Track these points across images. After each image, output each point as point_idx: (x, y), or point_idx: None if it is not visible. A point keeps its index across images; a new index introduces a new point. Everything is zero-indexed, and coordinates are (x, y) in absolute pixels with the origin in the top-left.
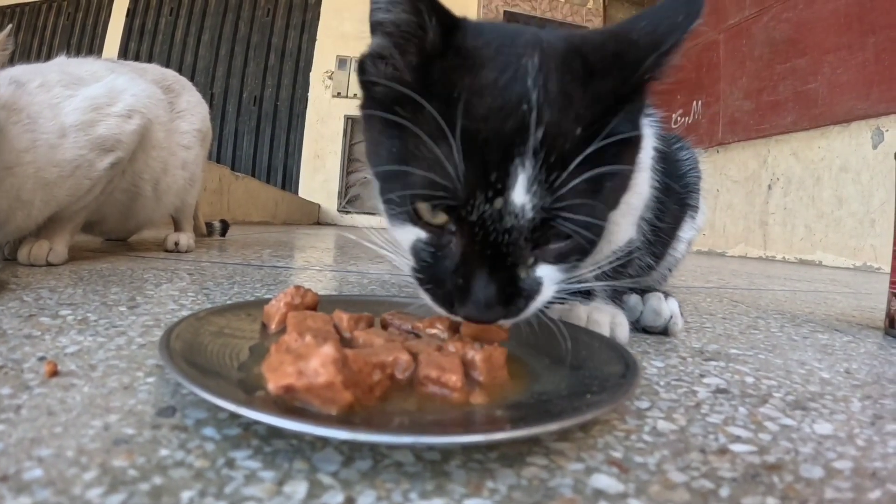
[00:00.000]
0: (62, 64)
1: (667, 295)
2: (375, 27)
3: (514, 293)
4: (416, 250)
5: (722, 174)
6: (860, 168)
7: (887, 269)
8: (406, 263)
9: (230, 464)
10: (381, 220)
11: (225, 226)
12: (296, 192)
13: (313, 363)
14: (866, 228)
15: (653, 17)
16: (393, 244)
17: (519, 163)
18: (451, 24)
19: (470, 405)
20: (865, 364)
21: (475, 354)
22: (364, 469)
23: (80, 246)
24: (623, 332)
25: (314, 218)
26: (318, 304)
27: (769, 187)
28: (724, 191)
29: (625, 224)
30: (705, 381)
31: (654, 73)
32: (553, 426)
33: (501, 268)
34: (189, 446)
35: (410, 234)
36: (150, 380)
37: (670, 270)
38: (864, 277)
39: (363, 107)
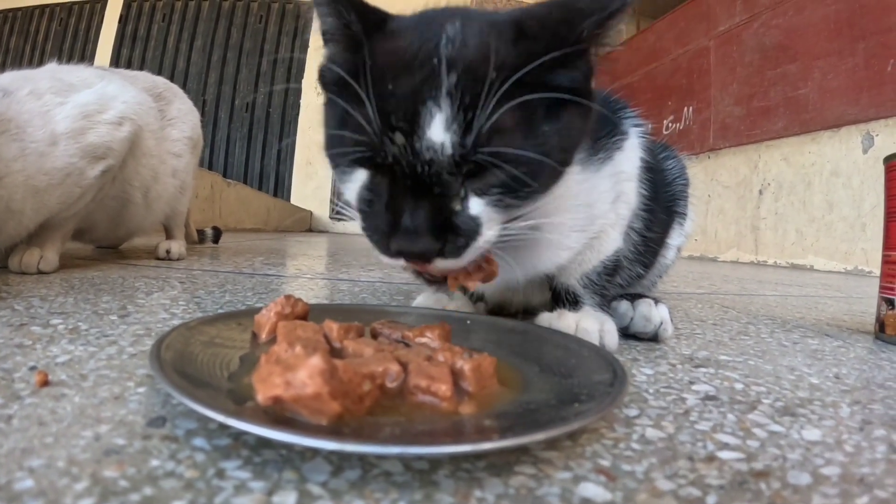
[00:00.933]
0: (53, 70)
1: (657, 301)
2: (323, 37)
3: (448, 227)
4: (358, 201)
5: (713, 180)
6: (851, 172)
7: (878, 273)
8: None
9: (220, 474)
10: None
11: (217, 233)
12: (288, 199)
13: (301, 374)
14: (857, 233)
15: None
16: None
17: (432, 105)
18: (376, 19)
19: (459, 415)
20: (855, 369)
21: (464, 364)
22: (353, 479)
23: (71, 254)
24: (612, 339)
25: (306, 225)
26: (308, 314)
27: (760, 192)
28: (716, 196)
29: (614, 234)
30: (694, 387)
31: (594, 37)
32: (540, 435)
33: (428, 198)
34: (179, 457)
35: (356, 183)
36: (141, 390)
37: (660, 277)
38: (855, 281)
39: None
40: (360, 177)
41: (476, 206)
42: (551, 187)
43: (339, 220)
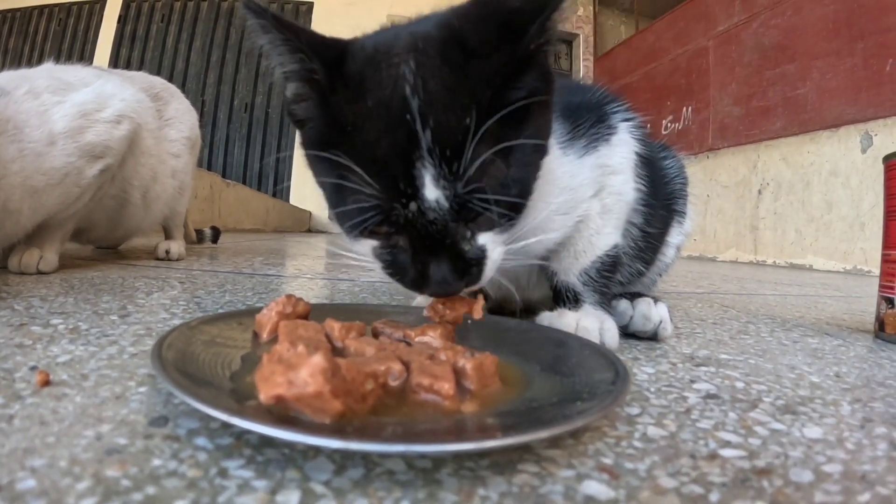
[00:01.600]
0: (50, 70)
1: (656, 300)
2: (285, 76)
3: (465, 265)
4: (377, 255)
5: (712, 179)
6: (850, 172)
7: (877, 272)
8: (373, 265)
9: (223, 473)
10: None
11: (216, 233)
12: (287, 199)
13: (303, 373)
14: (856, 232)
15: None
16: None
17: (420, 166)
18: (336, 57)
19: (461, 413)
20: (855, 367)
21: (466, 363)
22: (356, 478)
23: (70, 254)
24: (612, 337)
25: (305, 225)
26: (309, 313)
27: (759, 192)
28: (715, 196)
29: (607, 229)
30: (696, 386)
31: (541, 39)
32: (544, 433)
33: (445, 249)
34: (182, 456)
35: (367, 246)
36: (142, 389)
37: (660, 275)
38: (854, 281)
39: (302, 145)
40: (372, 241)
41: (482, 238)
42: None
43: None
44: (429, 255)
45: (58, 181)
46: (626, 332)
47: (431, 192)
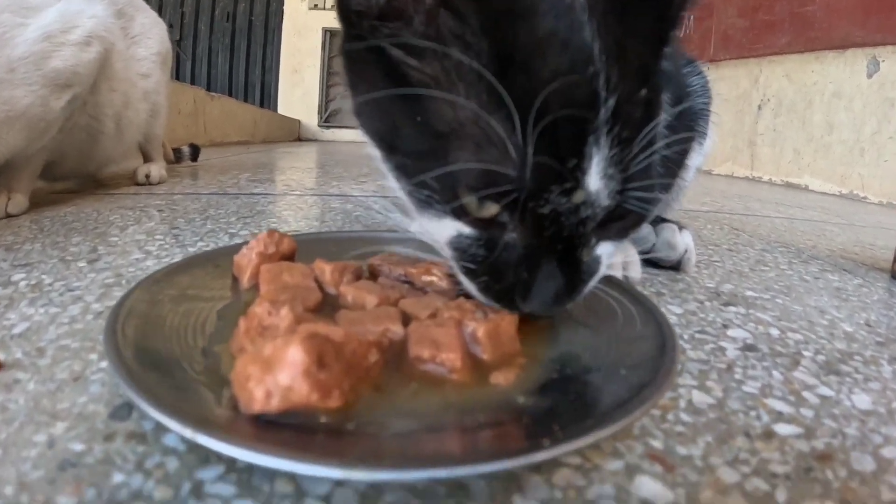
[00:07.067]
0: None
1: (681, 227)
2: None
3: (579, 281)
4: (459, 246)
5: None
6: (853, 95)
7: (874, 198)
8: (439, 245)
9: (197, 491)
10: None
11: (195, 150)
12: (275, 109)
13: (282, 377)
14: (855, 157)
15: None
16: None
17: (592, 142)
18: None
19: (481, 393)
20: (883, 316)
21: (477, 327)
22: (363, 489)
23: (45, 188)
24: (636, 270)
25: (295, 135)
26: (295, 252)
27: (759, 108)
28: (713, 108)
29: None
30: (730, 333)
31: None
32: (606, 431)
33: (569, 258)
34: (147, 465)
35: (449, 229)
36: (103, 364)
37: (676, 199)
38: (852, 207)
39: (348, 46)
40: (462, 224)
41: (601, 248)
42: None
43: (328, 127)
44: (548, 262)
45: (20, 113)
46: (645, 259)
47: (595, 180)
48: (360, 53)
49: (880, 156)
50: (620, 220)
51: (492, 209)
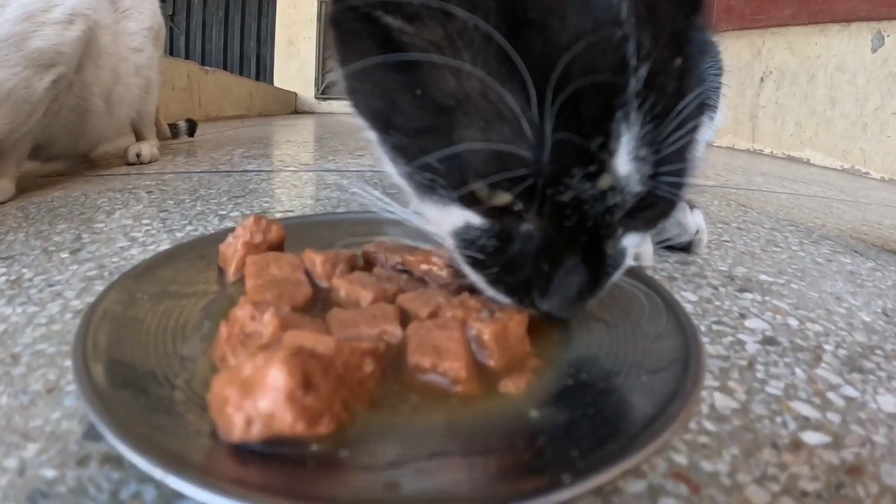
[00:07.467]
0: None
1: (692, 206)
2: None
3: (603, 276)
4: (466, 236)
5: None
6: (857, 70)
7: (875, 174)
8: (448, 243)
9: None
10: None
11: (192, 125)
12: (271, 82)
13: (263, 404)
14: (858, 132)
15: None
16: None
17: (621, 118)
18: None
19: (490, 407)
20: None
21: (483, 329)
22: None
23: (34, 172)
24: (648, 254)
25: (291, 107)
26: (283, 240)
27: (762, 80)
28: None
29: None
30: (748, 324)
31: None
32: (632, 461)
33: (593, 251)
34: (122, 496)
35: (456, 218)
36: None
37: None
38: (854, 182)
39: (337, 15)
40: (472, 213)
41: (627, 240)
42: None
43: (325, 99)
44: (569, 256)
45: (3, 97)
46: (655, 242)
47: (625, 163)
48: (351, 22)
49: (883, 131)
50: (650, 209)
51: (504, 197)
